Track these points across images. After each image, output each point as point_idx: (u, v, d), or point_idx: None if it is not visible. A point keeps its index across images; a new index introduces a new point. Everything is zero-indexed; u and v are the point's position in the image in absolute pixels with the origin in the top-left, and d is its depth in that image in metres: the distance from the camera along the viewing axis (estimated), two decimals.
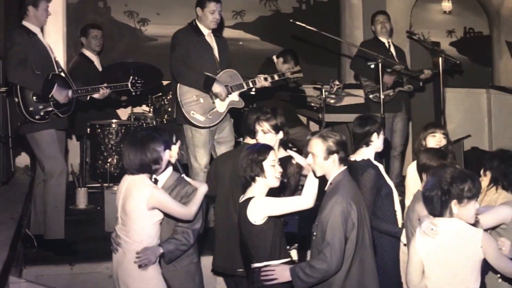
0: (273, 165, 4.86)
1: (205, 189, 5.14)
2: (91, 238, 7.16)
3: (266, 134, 5.62)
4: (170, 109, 8.44)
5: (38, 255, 6.46)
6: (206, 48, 7.18)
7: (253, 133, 5.71)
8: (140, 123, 8.69)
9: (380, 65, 7.58)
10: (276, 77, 7.39)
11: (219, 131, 7.19)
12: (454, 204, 4.29)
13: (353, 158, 5.52)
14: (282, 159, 5.29)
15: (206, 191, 5.14)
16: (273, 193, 4.95)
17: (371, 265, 4.77)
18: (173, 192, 5.15)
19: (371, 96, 8.56)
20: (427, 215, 4.47)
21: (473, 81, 11.14)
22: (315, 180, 4.87)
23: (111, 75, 7.73)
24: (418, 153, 5.72)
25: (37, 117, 6.38)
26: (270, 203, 4.81)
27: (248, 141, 5.88)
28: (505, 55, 11.66)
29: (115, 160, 8.46)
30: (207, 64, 7.11)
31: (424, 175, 5.22)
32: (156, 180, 5.12)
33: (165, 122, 8.72)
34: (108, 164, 8.50)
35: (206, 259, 6.07)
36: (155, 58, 9.24)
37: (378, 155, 5.71)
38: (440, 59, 8.04)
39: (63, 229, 6.62)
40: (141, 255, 4.84)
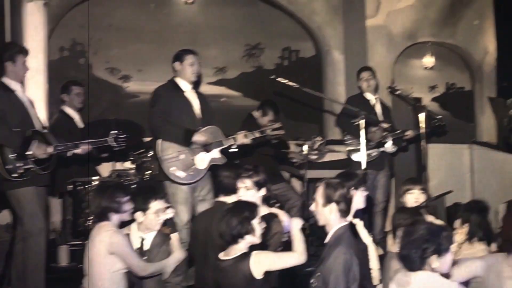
0: (260, 222, 4.87)
1: (180, 256, 5.14)
2: None
3: (248, 191, 5.62)
4: (152, 166, 8.41)
5: None
6: (186, 104, 7.15)
7: (232, 190, 5.69)
8: (122, 180, 8.64)
9: (363, 122, 7.58)
10: (257, 134, 7.35)
11: (200, 189, 7.11)
12: (434, 258, 4.27)
13: None
14: (265, 215, 5.28)
15: (180, 259, 5.14)
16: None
17: None
18: (158, 249, 5.16)
19: (352, 155, 8.53)
20: (401, 267, 4.46)
21: (455, 136, 11.17)
22: (301, 235, 4.95)
23: (93, 132, 7.70)
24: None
25: (15, 175, 6.29)
26: (271, 258, 4.86)
27: (223, 199, 5.86)
28: (487, 110, 11.75)
29: None
30: (187, 120, 7.07)
31: (398, 232, 5.23)
32: (142, 239, 5.15)
33: (147, 179, 8.66)
34: (89, 221, 8.42)
35: None
36: (137, 114, 9.26)
37: (361, 211, 5.68)
38: (422, 115, 8.08)
39: (44, 287, 6.51)
40: None
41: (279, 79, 7.67)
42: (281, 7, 11.08)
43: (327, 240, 4.87)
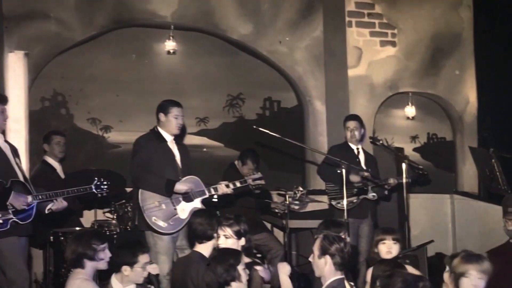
0: (244, 269, 4.88)
1: None
2: None
3: (228, 239, 5.60)
4: (133, 216, 8.36)
5: None
6: (168, 154, 7.14)
7: (207, 237, 5.71)
8: (103, 230, 8.57)
9: (344, 171, 7.59)
10: (238, 184, 7.33)
11: (181, 238, 7.06)
12: None
13: None
14: (246, 264, 5.26)
15: None
16: None
17: None
18: None
19: (333, 202, 8.51)
20: None
21: (437, 186, 11.19)
22: (289, 281, 5.06)
23: (74, 182, 7.63)
24: (369, 260, 5.76)
25: None
26: None
27: (198, 248, 5.85)
28: (468, 160, 11.78)
29: None
30: (169, 170, 7.05)
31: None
32: None
33: (128, 229, 8.61)
34: (71, 272, 8.32)
35: None
36: (118, 165, 9.23)
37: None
38: (403, 165, 8.10)
39: None
40: None
41: (261, 129, 7.69)
42: (262, 57, 11.11)
43: None
